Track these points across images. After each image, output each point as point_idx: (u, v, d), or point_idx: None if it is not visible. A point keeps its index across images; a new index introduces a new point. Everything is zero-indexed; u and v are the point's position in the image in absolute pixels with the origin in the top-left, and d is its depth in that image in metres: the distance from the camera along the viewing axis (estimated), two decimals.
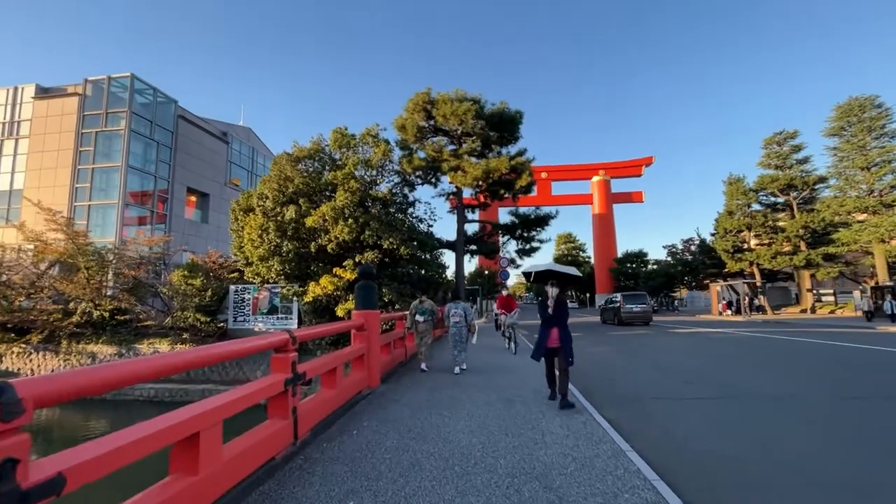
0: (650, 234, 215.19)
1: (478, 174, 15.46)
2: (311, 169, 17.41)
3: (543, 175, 59.46)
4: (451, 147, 17.49)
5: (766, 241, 34.10)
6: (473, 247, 21.56)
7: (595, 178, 63.69)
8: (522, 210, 21.10)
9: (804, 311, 33.78)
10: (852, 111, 29.77)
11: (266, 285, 19.09)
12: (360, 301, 6.01)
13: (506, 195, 18.65)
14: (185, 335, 17.55)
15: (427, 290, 17.62)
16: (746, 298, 30.49)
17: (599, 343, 14.71)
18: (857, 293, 29.34)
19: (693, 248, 61.98)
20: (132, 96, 29.87)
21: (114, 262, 18.40)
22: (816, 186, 32.91)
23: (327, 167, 17.39)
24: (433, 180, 20.27)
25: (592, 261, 73.26)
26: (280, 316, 19.37)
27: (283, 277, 15.62)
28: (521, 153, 17.25)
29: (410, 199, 19.48)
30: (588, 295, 69.01)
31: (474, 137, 16.95)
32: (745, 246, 36.01)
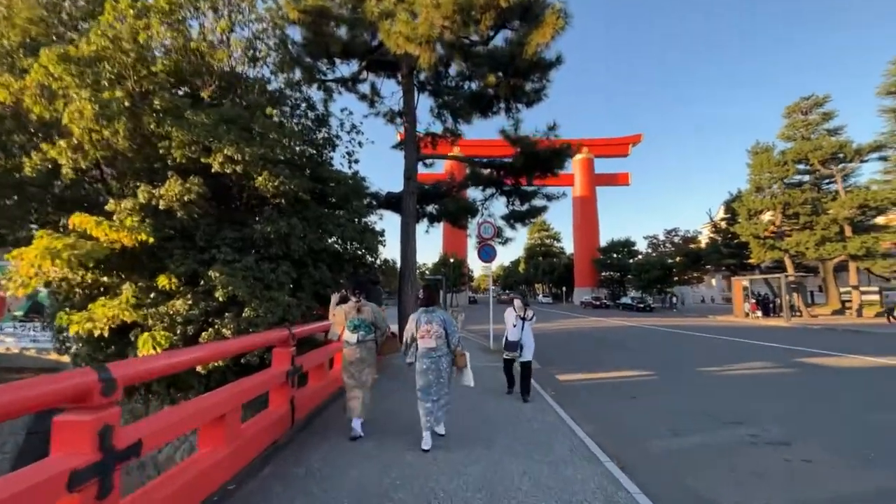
0: (634, 222, 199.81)
1: (447, 11, 6.75)
2: None
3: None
4: None
5: (800, 225, 27.41)
6: (433, 207, 12.87)
7: (578, 156, 56.29)
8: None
9: (837, 311, 27.52)
10: None
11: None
12: None
13: (506, 96, 9.65)
14: None
15: (338, 277, 8.88)
16: (787, 297, 23.63)
17: None
18: None
19: (677, 239, 56.35)
20: None
21: None
22: (867, 158, 26.34)
23: None
24: (356, 76, 11.23)
25: (569, 251, 66.38)
26: (51, 322, 10.02)
27: None
28: None
29: (320, 111, 10.55)
30: (564, 289, 61.91)
31: None
32: (769, 230, 29.35)
